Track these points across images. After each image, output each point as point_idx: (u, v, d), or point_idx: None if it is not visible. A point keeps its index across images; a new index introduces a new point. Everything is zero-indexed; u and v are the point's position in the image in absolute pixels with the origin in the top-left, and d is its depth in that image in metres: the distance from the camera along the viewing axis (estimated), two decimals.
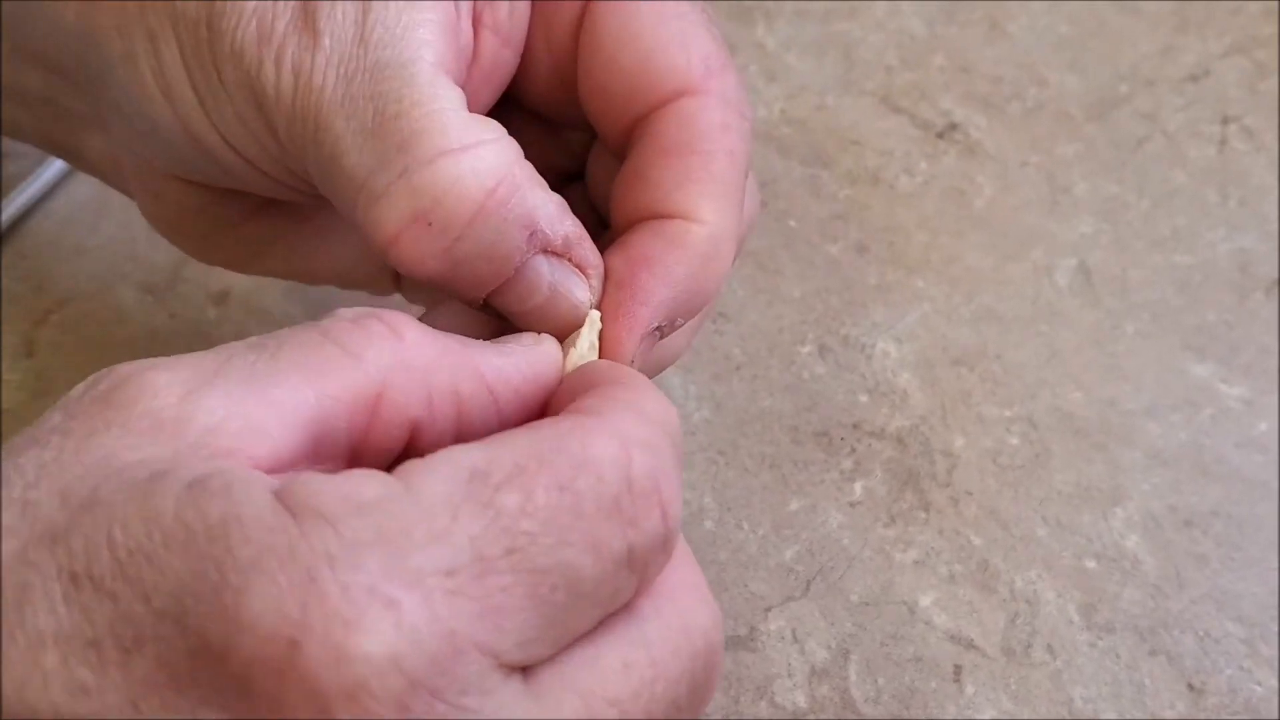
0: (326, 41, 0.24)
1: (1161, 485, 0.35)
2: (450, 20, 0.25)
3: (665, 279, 0.25)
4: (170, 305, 0.38)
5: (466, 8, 0.26)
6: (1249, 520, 0.34)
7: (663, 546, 0.20)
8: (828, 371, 0.37)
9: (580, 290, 0.25)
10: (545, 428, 0.20)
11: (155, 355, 0.37)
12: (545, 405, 0.23)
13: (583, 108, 0.28)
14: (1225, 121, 0.43)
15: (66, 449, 0.19)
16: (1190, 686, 0.32)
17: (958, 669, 0.32)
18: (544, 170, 0.29)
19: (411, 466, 0.19)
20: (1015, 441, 0.36)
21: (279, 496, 0.18)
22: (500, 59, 0.27)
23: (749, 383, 0.37)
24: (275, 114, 0.24)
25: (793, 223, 0.40)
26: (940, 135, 0.43)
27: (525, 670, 0.19)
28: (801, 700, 0.31)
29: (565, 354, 0.24)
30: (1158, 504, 0.35)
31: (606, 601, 0.19)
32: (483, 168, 0.23)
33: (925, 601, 0.33)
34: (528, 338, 0.24)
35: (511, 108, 0.29)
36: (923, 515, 0.34)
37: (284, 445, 0.19)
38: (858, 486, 0.35)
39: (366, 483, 0.18)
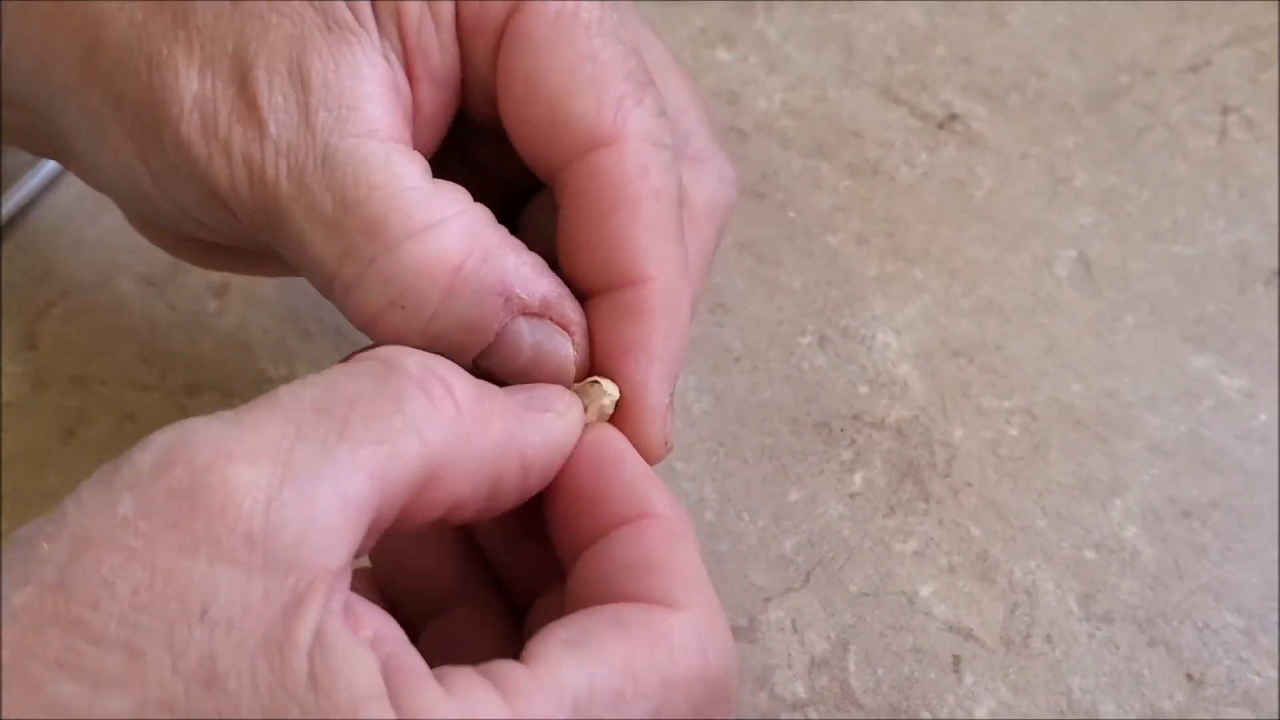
0: (272, 130, 0.23)
1: (1161, 476, 0.35)
2: (389, 81, 0.24)
3: (653, 355, 0.25)
4: (170, 297, 0.38)
5: (398, 61, 0.25)
6: (1248, 511, 0.34)
7: None
8: (827, 363, 0.37)
9: (564, 346, 0.25)
10: (636, 633, 0.20)
11: (156, 347, 0.37)
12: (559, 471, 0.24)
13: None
14: (1225, 112, 0.43)
15: (158, 570, 0.18)
16: (1189, 677, 0.32)
17: (957, 659, 0.32)
18: (520, 179, 0.28)
19: (516, 682, 0.19)
20: (1015, 433, 0.36)
21: (398, 708, 0.18)
22: (440, 103, 0.26)
23: (749, 374, 0.37)
24: (232, 203, 0.24)
25: (792, 214, 0.40)
26: (940, 126, 0.42)
27: None
28: (801, 691, 0.32)
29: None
30: (1157, 495, 0.35)
31: None
32: (447, 245, 0.23)
33: (924, 592, 0.33)
34: (559, 400, 0.24)
35: (472, 126, 0.28)
36: (922, 506, 0.35)
37: (350, 544, 0.20)
38: (857, 477, 0.35)
39: (481, 705, 0.19)
